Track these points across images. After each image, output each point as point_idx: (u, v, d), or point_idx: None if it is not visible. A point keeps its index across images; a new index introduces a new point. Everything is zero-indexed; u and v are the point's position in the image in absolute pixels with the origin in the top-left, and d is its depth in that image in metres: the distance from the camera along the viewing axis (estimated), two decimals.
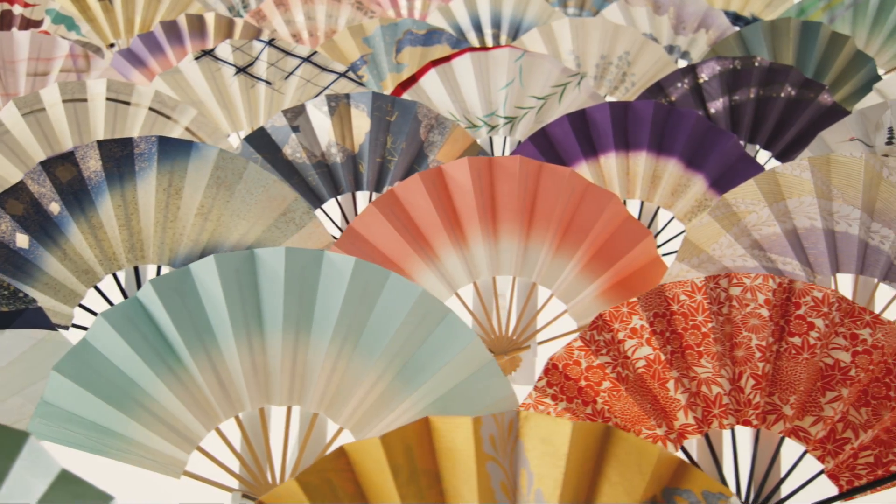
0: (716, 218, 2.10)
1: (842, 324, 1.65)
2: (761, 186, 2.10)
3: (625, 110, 2.51)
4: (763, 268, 2.09)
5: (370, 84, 3.31)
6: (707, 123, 2.50)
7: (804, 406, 1.63)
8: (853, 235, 2.10)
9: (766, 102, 2.89)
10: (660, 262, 2.17)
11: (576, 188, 2.15)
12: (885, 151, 2.48)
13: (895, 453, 1.62)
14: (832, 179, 2.10)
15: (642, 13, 3.74)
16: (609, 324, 1.64)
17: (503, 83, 2.91)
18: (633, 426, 1.62)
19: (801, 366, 1.63)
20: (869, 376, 1.63)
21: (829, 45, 3.32)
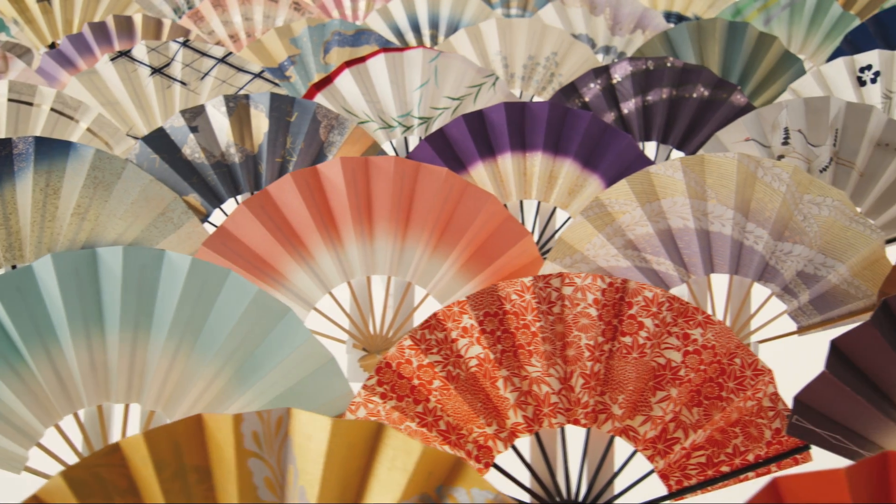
0: (588, 218, 2.10)
1: (675, 323, 1.65)
2: (634, 187, 2.10)
3: (521, 111, 2.52)
4: (636, 268, 2.10)
5: (298, 85, 3.33)
6: (602, 124, 2.51)
7: (635, 405, 1.63)
8: (727, 236, 2.10)
9: (679, 103, 2.90)
10: (540, 261, 2.18)
11: (453, 188, 2.16)
12: (781, 152, 2.48)
13: (728, 454, 1.63)
14: (706, 179, 2.11)
15: (578, 14, 3.74)
16: (442, 323, 1.65)
17: (418, 84, 2.92)
18: (466, 424, 1.63)
19: (630, 365, 1.64)
20: (702, 376, 1.64)
21: (756, 45, 3.32)
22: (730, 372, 1.64)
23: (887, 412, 1.60)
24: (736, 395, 1.63)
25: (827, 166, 2.47)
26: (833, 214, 2.08)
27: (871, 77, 2.87)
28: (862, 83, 2.88)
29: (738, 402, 1.63)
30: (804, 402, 1.60)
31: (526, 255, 2.17)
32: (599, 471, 1.66)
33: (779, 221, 2.08)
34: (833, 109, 2.47)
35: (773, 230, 2.08)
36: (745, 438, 1.63)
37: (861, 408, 1.59)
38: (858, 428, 1.60)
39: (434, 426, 1.62)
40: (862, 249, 2.09)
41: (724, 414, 1.63)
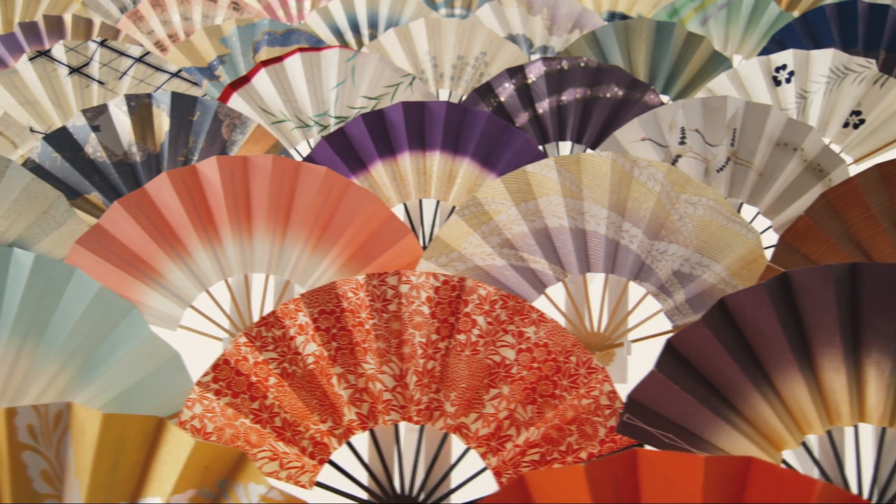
0: (464, 217, 2.11)
1: (510, 321, 1.66)
2: (509, 186, 2.11)
3: (420, 110, 2.52)
4: (511, 266, 2.10)
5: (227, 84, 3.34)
6: (501, 123, 2.51)
7: (469, 403, 1.64)
8: (601, 235, 2.10)
9: (593, 103, 2.90)
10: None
11: (334, 187, 2.17)
12: (679, 151, 2.48)
13: (561, 452, 1.64)
14: (582, 179, 2.11)
15: (515, 14, 3.75)
16: (280, 320, 1.66)
17: (334, 83, 2.93)
18: (302, 421, 1.64)
19: (464, 363, 1.64)
20: (536, 374, 1.64)
21: (684, 45, 3.32)
22: (565, 370, 1.64)
23: (719, 411, 1.60)
24: (569, 392, 1.64)
25: (724, 166, 2.47)
26: (708, 214, 2.08)
27: (786, 77, 2.87)
28: (777, 83, 2.88)
29: (572, 400, 1.64)
30: (637, 400, 1.61)
31: (408, 254, 2.18)
32: (433, 468, 1.67)
33: (654, 221, 2.09)
34: (731, 109, 2.47)
35: (647, 229, 2.09)
36: (579, 436, 1.64)
37: (692, 407, 1.59)
38: (692, 427, 1.61)
39: (269, 423, 1.63)
40: (738, 249, 2.09)
41: (557, 411, 1.64)
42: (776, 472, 1.08)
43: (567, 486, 1.06)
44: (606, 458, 1.08)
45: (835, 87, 2.84)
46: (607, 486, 1.07)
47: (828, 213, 2.06)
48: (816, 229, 2.06)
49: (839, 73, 2.84)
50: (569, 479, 1.06)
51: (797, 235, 2.07)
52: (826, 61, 2.84)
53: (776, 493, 1.07)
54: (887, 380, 1.60)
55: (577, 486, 1.06)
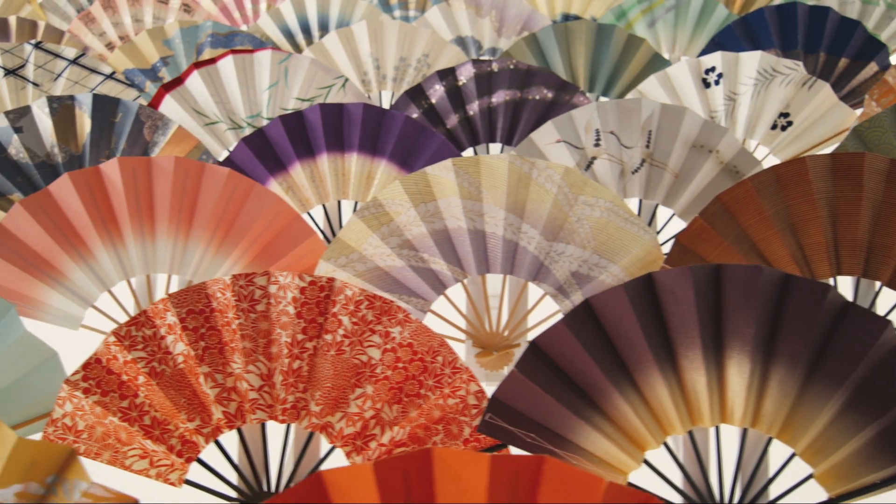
0: (363, 218, 2.12)
1: (378, 321, 1.67)
2: (408, 187, 2.12)
3: (339, 112, 2.54)
4: (411, 267, 2.12)
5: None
6: (418, 125, 2.53)
7: (335, 402, 1.66)
8: (499, 236, 2.12)
9: (522, 105, 2.91)
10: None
11: (238, 188, 2.18)
12: (594, 153, 2.49)
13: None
14: (482, 181, 2.12)
15: (464, 16, 3.76)
16: (151, 319, 1.68)
17: (267, 85, 2.95)
18: (172, 420, 1.66)
19: (329, 363, 1.66)
20: (403, 374, 1.66)
21: (625, 47, 3.33)
22: (431, 370, 1.66)
23: (580, 412, 1.61)
24: (433, 392, 1.65)
25: (639, 167, 2.48)
26: (605, 215, 2.10)
27: (715, 79, 2.88)
28: (707, 85, 2.89)
29: (437, 400, 1.65)
30: (500, 400, 1.62)
31: (313, 255, 2.19)
32: (298, 466, 1.69)
33: (551, 222, 2.10)
34: (646, 111, 2.48)
35: (545, 230, 2.10)
36: (445, 436, 1.65)
37: (554, 407, 1.61)
38: (554, 427, 1.62)
39: (138, 421, 1.65)
40: (635, 250, 2.10)
41: (422, 411, 1.65)
42: (567, 472, 1.09)
43: (357, 483, 1.08)
44: (398, 456, 1.09)
45: (763, 89, 2.85)
46: (397, 484, 1.09)
47: (723, 214, 2.08)
48: (711, 231, 2.07)
49: (767, 75, 2.85)
50: (360, 476, 1.08)
51: (692, 237, 2.08)
52: (754, 63, 2.84)
53: (567, 493, 1.09)
54: (747, 381, 1.61)
55: (366, 484, 1.08)
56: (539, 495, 1.09)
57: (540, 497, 1.09)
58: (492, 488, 1.08)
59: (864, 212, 2.05)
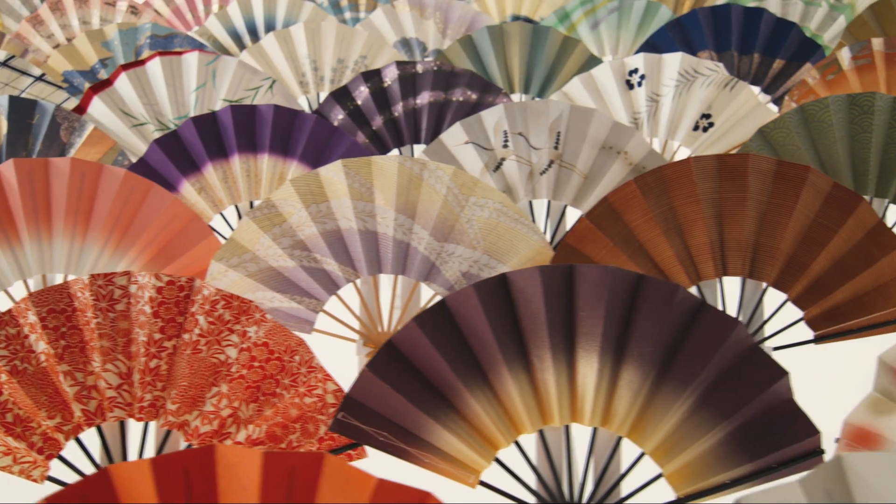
0: (255, 219, 2.14)
1: (236, 321, 1.69)
2: (299, 188, 2.14)
3: (251, 113, 2.56)
4: (302, 267, 2.13)
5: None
6: (329, 126, 2.55)
7: (192, 401, 1.67)
8: (390, 237, 2.13)
9: (447, 106, 2.93)
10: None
11: (135, 189, 2.20)
12: (503, 154, 2.50)
13: (281, 449, 1.66)
14: (373, 181, 2.14)
15: (408, 17, 3.78)
16: (15, 318, 1.70)
17: (194, 86, 2.97)
18: (34, 417, 1.67)
19: (186, 361, 1.68)
20: (261, 373, 1.67)
21: (560, 49, 3.34)
22: (288, 369, 1.68)
23: (431, 411, 1.63)
24: (288, 391, 1.67)
25: (547, 168, 2.49)
26: (495, 216, 2.11)
27: (638, 80, 2.89)
28: (630, 86, 2.90)
29: (293, 398, 1.67)
30: (354, 398, 1.63)
31: (210, 255, 2.21)
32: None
33: (441, 222, 2.11)
34: (554, 112, 2.49)
35: (435, 231, 2.11)
36: (302, 434, 1.67)
37: (406, 406, 1.62)
38: (408, 425, 1.63)
39: (0, 418, 1.67)
40: (524, 251, 2.11)
41: (277, 409, 1.67)
42: (345, 469, 1.11)
43: (136, 478, 1.10)
44: (179, 452, 1.11)
45: (684, 91, 2.86)
46: (177, 481, 1.10)
47: (610, 215, 2.09)
48: (597, 231, 2.08)
49: (688, 76, 2.86)
50: (138, 472, 1.09)
51: (579, 237, 2.09)
52: (675, 65, 2.85)
53: (342, 490, 1.10)
54: (598, 380, 1.62)
55: (143, 480, 1.09)
56: (318, 493, 1.11)
57: (320, 495, 1.11)
58: (265, 485, 1.09)
59: (750, 213, 2.06)
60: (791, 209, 2.05)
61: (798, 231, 2.05)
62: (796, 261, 2.06)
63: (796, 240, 2.05)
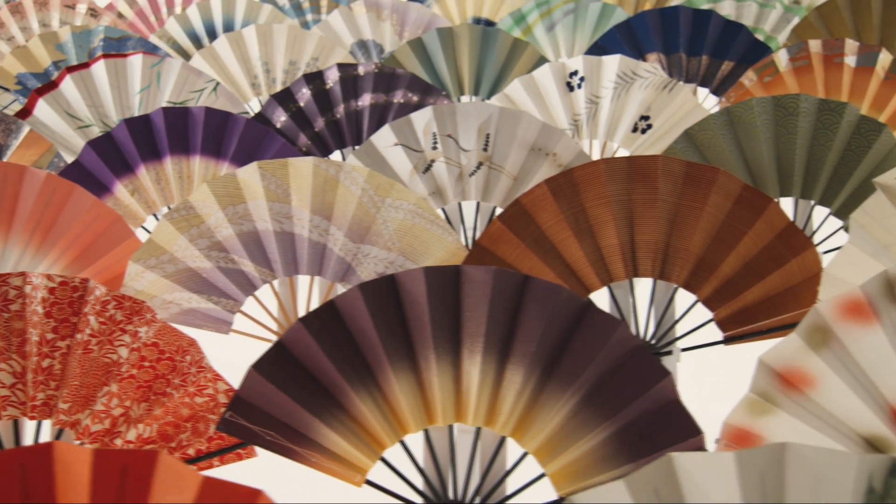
0: (172, 220, 2.16)
1: (129, 321, 1.70)
2: (216, 190, 2.15)
3: (183, 116, 2.58)
4: (219, 268, 2.15)
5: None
6: (260, 128, 2.57)
7: (84, 400, 1.69)
8: (305, 238, 2.15)
9: (388, 108, 2.94)
10: None
11: (56, 191, 2.22)
12: (433, 156, 2.52)
13: (171, 448, 1.68)
14: (290, 183, 2.16)
15: (365, 19, 3.79)
16: None
17: (138, 88, 2.99)
18: None
19: (77, 361, 1.69)
20: (152, 372, 1.69)
21: (510, 51, 3.36)
22: (179, 368, 1.69)
23: (317, 411, 1.64)
24: (178, 390, 1.69)
25: (476, 170, 2.51)
26: (409, 217, 2.13)
27: (578, 82, 2.90)
28: (570, 88, 2.92)
29: (183, 398, 1.69)
30: (243, 398, 1.65)
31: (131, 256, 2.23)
32: None
33: (356, 224, 2.13)
34: (483, 114, 2.50)
35: (350, 232, 2.13)
36: (192, 433, 1.69)
37: (292, 406, 1.63)
38: (295, 425, 1.64)
39: None
40: (438, 252, 2.13)
41: (168, 409, 1.68)
42: (176, 467, 1.12)
43: None
44: (14, 449, 1.13)
45: (623, 93, 2.87)
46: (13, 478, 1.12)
47: (522, 216, 2.10)
48: (509, 233, 2.09)
49: (627, 78, 2.87)
50: None
51: (491, 239, 2.11)
52: (614, 67, 2.86)
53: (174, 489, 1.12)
54: (483, 380, 1.63)
55: None
56: (151, 492, 1.12)
57: (153, 493, 1.12)
58: (95, 483, 1.11)
59: (660, 214, 2.07)
60: (701, 211, 2.06)
61: (708, 232, 2.06)
62: (706, 262, 2.07)
63: (706, 241, 2.06)
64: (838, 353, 1.57)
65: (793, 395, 1.57)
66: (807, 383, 1.57)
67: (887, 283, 1.57)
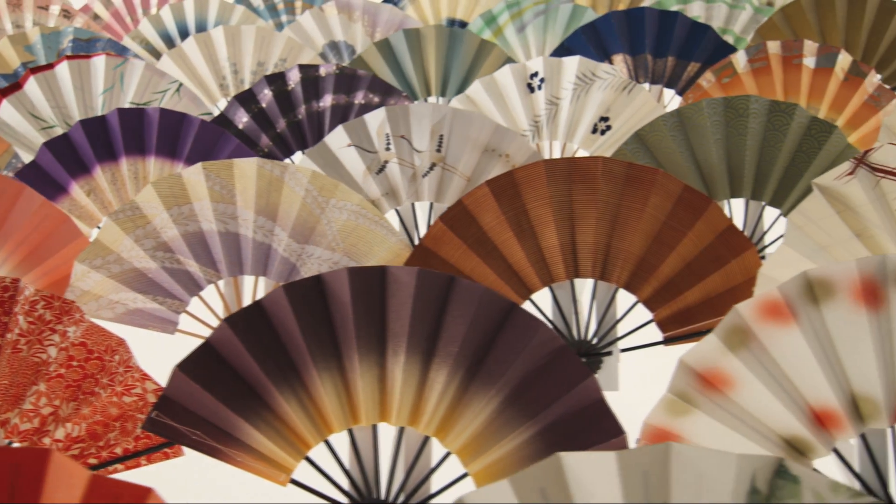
0: (117, 221, 2.17)
1: (59, 321, 1.72)
2: (161, 191, 2.17)
3: (139, 117, 2.59)
4: (164, 269, 2.16)
5: None
6: (215, 129, 2.58)
7: (14, 399, 1.70)
8: (250, 238, 2.16)
9: (349, 109, 2.95)
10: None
11: (6, 192, 2.23)
12: (386, 157, 2.53)
13: (99, 447, 1.69)
14: (235, 184, 2.17)
15: (336, 21, 3.80)
16: None
17: (101, 89, 3.01)
18: None
19: (7, 361, 1.70)
20: (81, 372, 1.70)
21: (477, 52, 3.37)
22: (108, 368, 1.70)
23: (242, 410, 1.65)
24: (105, 389, 1.70)
25: (429, 171, 2.51)
26: (353, 218, 2.14)
27: (538, 84, 2.91)
28: (531, 89, 2.92)
29: (111, 397, 1.70)
30: (170, 398, 1.66)
31: None
32: None
33: (301, 224, 2.14)
34: (437, 115, 2.51)
35: (294, 233, 2.14)
36: (120, 433, 1.70)
37: (217, 405, 1.64)
38: (221, 424, 1.65)
39: None
40: (381, 252, 2.14)
41: (95, 408, 1.69)
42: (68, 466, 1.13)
43: None
44: None
45: (582, 94, 2.87)
46: None
47: (464, 217, 2.11)
48: (451, 234, 2.10)
49: (586, 79, 2.87)
50: None
51: (434, 240, 2.12)
52: (573, 68, 2.87)
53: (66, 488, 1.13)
54: (407, 381, 1.64)
55: None
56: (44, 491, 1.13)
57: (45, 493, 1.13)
58: None
59: (601, 215, 2.08)
60: (641, 212, 2.07)
61: (648, 233, 2.07)
62: (647, 263, 2.07)
63: (646, 242, 2.07)
64: (757, 353, 1.58)
65: (712, 396, 1.58)
66: (726, 384, 1.58)
67: (807, 284, 1.58)
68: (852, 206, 1.96)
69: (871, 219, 1.95)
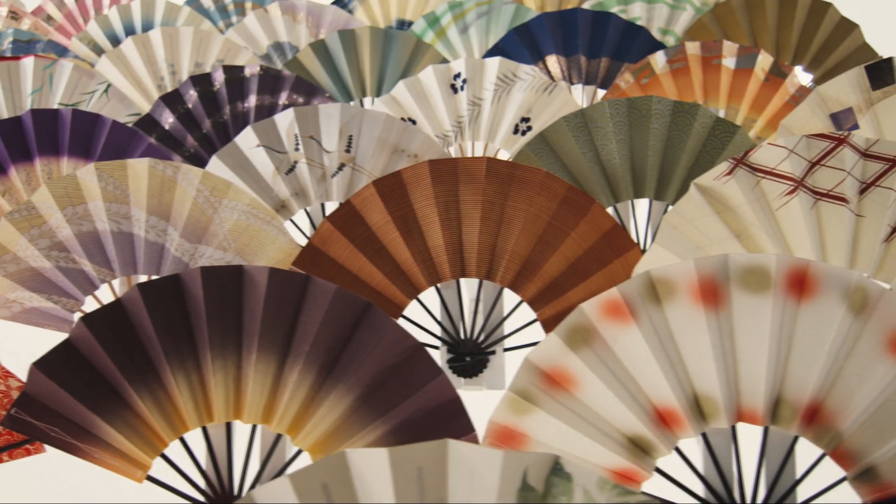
0: (12, 220, 2.19)
1: None
2: (55, 191, 2.19)
3: (53, 117, 2.61)
4: (59, 268, 2.18)
5: None
6: (128, 130, 2.59)
7: None
8: (142, 238, 2.18)
9: (274, 109, 2.97)
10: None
11: None
12: (296, 158, 2.54)
13: None
14: (129, 184, 2.19)
15: (280, 22, 3.82)
16: None
17: (30, 90, 3.03)
18: None
19: None
20: None
21: (413, 52, 3.38)
22: None
23: (97, 408, 1.67)
24: None
25: (338, 171, 2.53)
26: (244, 218, 2.15)
27: (461, 84, 2.92)
28: (454, 90, 2.93)
29: None
30: (29, 395, 1.68)
31: None
32: None
33: (192, 224, 2.16)
34: (345, 116, 2.52)
35: (185, 232, 2.16)
36: None
37: (73, 403, 1.66)
38: (79, 421, 1.67)
39: None
40: (272, 252, 2.15)
41: None
42: None
43: None
44: None
45: (503, 94, 2.88)
46: None
47: (352, 216, 2.12)
48: (338, 234, 2.12)
49: (507, 80, 2.88)
50: None
51: (322, 239, 2.13)
52: (494, 69, 2.88)
53: None
54: (258, 379, 1.66)
55: None
56: None
57: None
58: None
59: (487, 215, 2.09)
60: (526, 212, 2.08)
61: (533, 233, 2.08)
62: (531, 263, 2.08)
63: (531, 242, 2.08)
64: (600, 352, 1.59)
65: (556, 394, 1.59)
66: (570, 382, 1.59)
67: (649, 284, 1.59)
68: (730, 206, 1.97)
69: (749, 219, 1.96)
